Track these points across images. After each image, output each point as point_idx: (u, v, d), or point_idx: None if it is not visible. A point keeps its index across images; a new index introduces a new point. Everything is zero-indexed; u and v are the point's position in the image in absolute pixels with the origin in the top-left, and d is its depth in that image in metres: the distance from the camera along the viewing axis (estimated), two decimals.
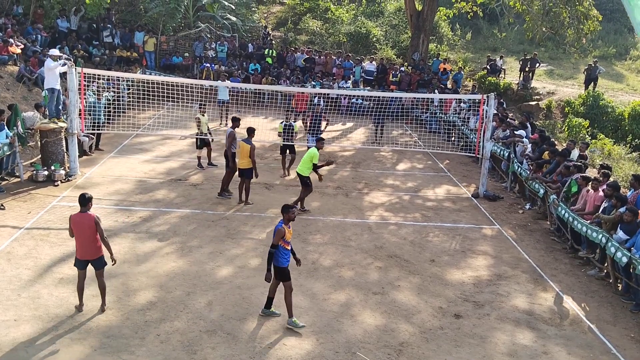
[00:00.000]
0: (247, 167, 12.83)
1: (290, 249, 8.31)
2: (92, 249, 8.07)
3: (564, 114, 23.45)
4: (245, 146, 12.70)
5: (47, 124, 13.89)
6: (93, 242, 8.04)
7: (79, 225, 8.00)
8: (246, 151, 12.71)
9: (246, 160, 12.77)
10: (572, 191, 12.11)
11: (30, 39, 21.90)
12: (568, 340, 8.54)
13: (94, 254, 8.11)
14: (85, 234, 7.99)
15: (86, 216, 8.02)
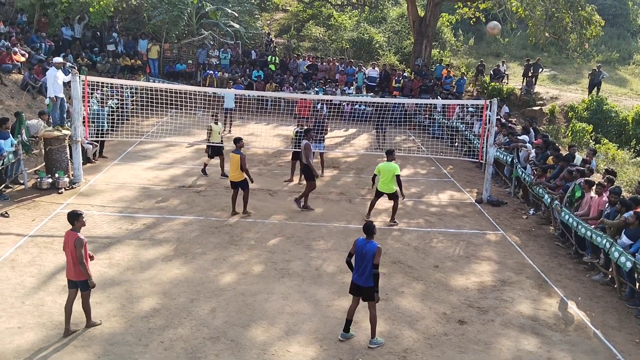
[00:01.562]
0: (241, 180, 12.56)
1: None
2: (76, 270, 7.75)
3: (567, 119, 23.44)
4: (235, 157, 12.41)
5: (51, 132, 13.94)
6: (75, 263, 7.72)
7: (65, 243, 7.85)
8: (236, 162, 12.39)
9: (238, 173, 12.47)
10: (576, 196, 12.08)
11: (35, 47, 22.04)
12: (573, 346, 8.50)
13: (77, 275, 7.77)
14: (69, 252, 7.76)
15: (70, 235, 7.78)
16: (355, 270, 8.10)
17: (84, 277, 7.76)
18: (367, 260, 7.91)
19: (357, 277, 8.08)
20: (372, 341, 8.19)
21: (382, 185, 12.63)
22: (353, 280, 8.15)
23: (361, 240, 8.07)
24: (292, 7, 37.11)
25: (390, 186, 12.54)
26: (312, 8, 35.66)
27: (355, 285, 8.14)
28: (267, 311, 8.85)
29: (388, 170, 12.49)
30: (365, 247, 7.95)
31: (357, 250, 8.04)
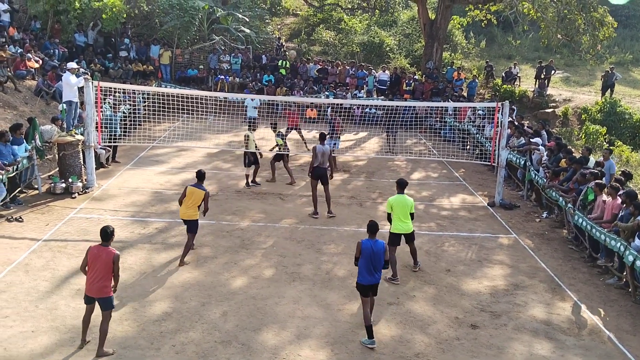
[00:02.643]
0: (192, 219, 10.42)
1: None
2: (98, 286, 7.45)
3: (580, 121, 23.27)
4: (198, 192, 10.30)
5: (65, 137, 14.06)
6: (102, 279, 7.44)
7: (95, 259, 7.47)
8: (197, 199, 10.31)
9: (192, 210, 10.35)
10: (589, 199, 11.97)
11: (48, 53, 22.28)
12: (587, 351, 8.42)
13: (98, 292, 7.49)
14: (98, 268, 7.43)
15: (105, 250, 7.49)
16: (367, 272, 8.15)
17: (107, 294, 7.50)
18: (378, 259, 8.15)
19: (369, 277, 8.17)
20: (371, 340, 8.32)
21: (399, 224, 10.16)
22: (364, 283, 8.18)
23: (367, 242, 8.21)
24: (303, 12, 37.19)
25: (408, 225, 10.23)
26: (322, 12, 35.69)
27: (366, 287, 8.21)
28: (278, 315, 8.86)
29: (404, 206, 10.18)
30: (375, 247, 8.14)
31: (365, 251, 8.13)
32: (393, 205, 10.12)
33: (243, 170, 15.62)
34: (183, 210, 10.39)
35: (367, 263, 8.15)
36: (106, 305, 7.57)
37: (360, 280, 8.25)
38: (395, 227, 10.12)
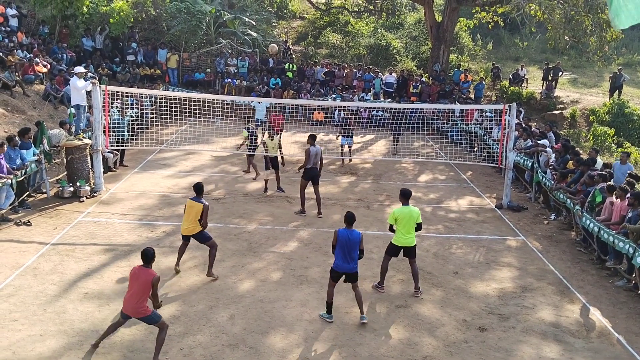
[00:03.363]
0: (195, 233, 9.95)
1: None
2: (133, 306, 7.35)
3: (588, 122, 23.15)
4: (197, 206, 9.79)
5: (73, 141, 14.13)
6: (138, 300, 7.33)
7: (135, 278, 7.40)
8: (197, 212, 9.79)
9: (194, 225, 9.88)
10: (597, 201, 11.91)
11: (56, 58, 22.40)
12: (596, 353, 8.36)
13: (134, 312, 7.39)
14: (135, 288, 7.35)
15: (145, 272, 7.40)
16: (342, 259, 8.65)
17: (144, 314, 7.39)
18: (353, 247, 8.61)
19: (344, 265, 8.66)
20: (363, 317, 8.84)
21: (401, 237, 9.68)
22: (338, 269, 8.72)
23: (344, 231, 8.67)
24: (309, 15, 37.23)
25: (411, 238, 9.72)
26: (329, 15, 35.77)
27: (339, 273, 8.75)
28: (286, 318, 8.86)
29: (410, 218, 9.61)
30: (350, 236, 8.61)
31: (341, 240, 8.61)
32: (397, 218, 9.62)
33: (253, 174, 15.66)
34: (185, 225, 9.93)
35: (343, 251, 8.61)
36: (150, 321, 7.51)
37: (335, 267, 8.74)
38: (397, 240, 9.72)
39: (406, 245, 9.74)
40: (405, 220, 9.59)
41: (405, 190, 9.83)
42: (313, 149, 13.41)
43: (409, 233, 9.66)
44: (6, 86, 18.45)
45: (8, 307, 8.71)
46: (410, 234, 9.68)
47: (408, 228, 9.63)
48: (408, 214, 9.60)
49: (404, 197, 9.75)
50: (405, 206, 9.69)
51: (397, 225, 9.65)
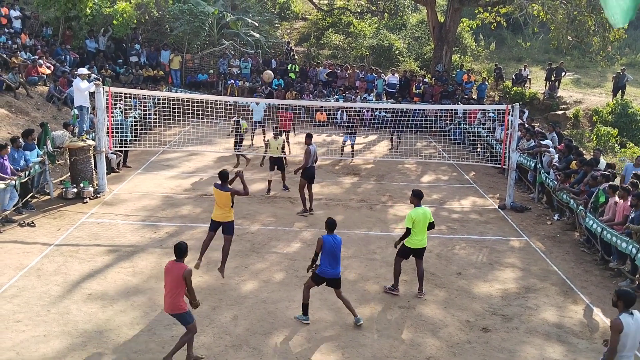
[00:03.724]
0: (226, 220, 9.96)
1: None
2: (169, 302, 7.37)
3: (592, 123, 23.13)
4: (224, 194, 9.76)
5: (76, 142, 14.16)
6: (173, 295, 7.33)
7: (167, 273, 7.42)
8: (226, 199, 9.78)
9: (227, 211, 9.87)
10: (600, 201, 11.89)
11: (60, 59, 22.46)
12: (599, 354, 8.28)
13: (170, 308, 7.39)
14: (168, 283, 7.37)
15: (177, 266, 7.38)
16: (329, 265, 8.55)
17: (179, 310, 7.38)
18: (338, 253, 8.56)
19: (331, 271, 8.57)
20: (358, 319, 8.78)
21: (416, 240, 9.57)
22: (323, 275, 8.61)
23: (328, 237, 8.57)
24: (312, 16, 37.26)
25: (424, 239, 9.69)
26: (331, 16, 35.78)
27: (323, 279, 8.66)
28: (289, 319, 8.86)
29: (425, 219, 9.54)
30: (335, 241, 8.54)
31: (327, 247, 8.50)
32: (415, 220, 9.42)
33: (254, 174, 15.66)
34: (217, 212, 9.90)
35: (329, 257, 8.52)
36: (182, 321, 7.47)
37: (320, 273, 8.61)
38: (412, 242, 9.57)
39: (420, 247, 9.66)
40: (421, 222, 9.49)
41: (418, 192, 9.74)
42: (312, 148, 13.54)
43: (423, 234, 9.61)
44: (10, 88, 18.51)
45: (12, 308, 8.73)
46: (424, 235, 9.65)
47: (423, 229, 9.57)
48: (423, 215, 9.52)
49: (417, 198, 9.65)
50: (419, 207, 9.60)
51: (413, 227, 9.49)
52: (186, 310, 7.43)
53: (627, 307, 6.32)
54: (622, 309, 6.33)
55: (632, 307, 6.34)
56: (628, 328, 6.21)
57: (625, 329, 6.20)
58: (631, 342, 6.27)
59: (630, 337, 6.24)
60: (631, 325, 6.23)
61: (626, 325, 6.21)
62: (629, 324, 6.23)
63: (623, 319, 6.25)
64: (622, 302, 6.33)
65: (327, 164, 18.59)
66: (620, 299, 6.35)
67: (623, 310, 6.33)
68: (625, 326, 6.20)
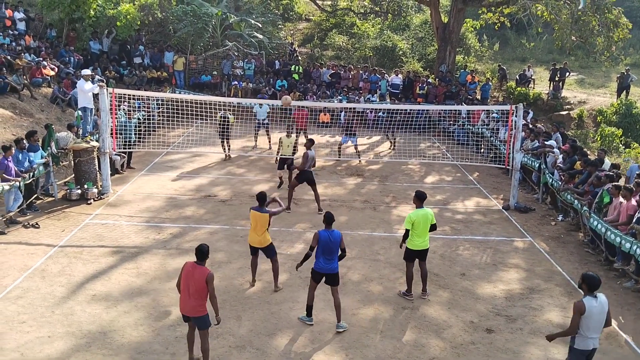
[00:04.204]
0: (265, 245, 9.72)
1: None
2: (191, 305, 7.23)
3: (596, 123, 23.06)
4: (262, 217, 9.57)
5: (80, 144, 14.20)
6: (195, 298, 7.19)
7: (189, 276, 7.22)
8: (264, 222, 9.58)
9: (263, 236, 9.65)
10: (605, 202, 11.85)
11: (64, 61, 22.54)
12: (604, 355, 8.31)
13: (192, 311, 7.25)
14: (192, 287, 7.19)
15: (199, 269, 7.21)
16: (324, 260, 8.58)
17: (201, 313, 7.26)
18: (334, 248, 8.55)
19: (325, 266, 8.59)
20: (339, 325, 8.68)
21: (418, 241, 9.52)
22: (319, 270, 8.64)
23: (324, 232, 8.58)
24: (315, 17, 37.27)
25: (426, 241, 9.63)
26: (335, 17, 35.79)
27: (320, 274, 8.66)
28: (292, 320, 8.86)
29: (426, 220, 9.48)
30: (331, 237, 8.53)
31: (322, 241, 8.52)
32: (415, 222, 9.37)
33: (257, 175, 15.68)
34: (253, 237, 9.70)
35: (324, 252, 8.55)
36: (201, 324, 7.34)
37: (315, 267, 8.66)
38: (413, 244, 9.51)
39: (422, 249, 9.61)
40: (422, 224, 9.43)
41: (421, 193, 9.66)
42: (311, 153, 13.63)
43: (424, 236, 9.54)
44: (14, 89, 18.56)
45: (16, 309, 8.76)
46: (426, 237, 9.58)
47: (424, 231, 9.50)
48: (424, 216, 9.45)
49: (420, 200, 9.57)
50: (421, 209, 9.52)
51: (413, 229, 9.45)
52: (207, 312, 7.33)
53: (591, 290, 6.64)
54: (587, 292, 6.67)
55: (597, 291, 6.66)
56: (590, 310, 6.54)
57: (587, 311, 6.53)
58: (594, 324, 6.62)
59: (592, 319, 6.58)
60: (594, 308, 6.55)
61: (588, 307, 6.54)
62: (591, 307, 6.55)
63: (586, 301, 6.58)
64: (586, 286, 6.67)
65: (331, 164, 18.59)
66: (584, 282, 6.69)
67: (587, 293, 6.66)
68: (587, 308, 6.53)
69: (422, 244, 9.56)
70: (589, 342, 6.73)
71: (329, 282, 8.71)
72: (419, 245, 9.54)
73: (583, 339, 6.70)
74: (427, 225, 9.50)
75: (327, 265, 8.58)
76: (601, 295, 6.70)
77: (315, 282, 8.74)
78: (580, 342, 6.74)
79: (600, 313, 6.62)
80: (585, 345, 6.74)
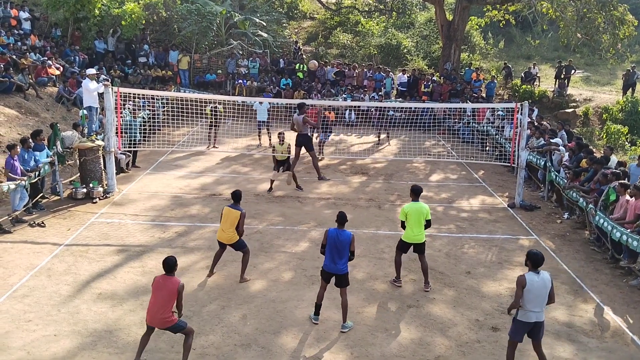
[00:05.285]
0: (233, 242, 9.89)
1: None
2: (160, 319, 7.19)
3: (602, 120, 22.98)
4: (233, 212, 9.73)
5: (85, 143, 14.24)
6: (164, 310, 7.16)
7: (159, 288, 7.20)
8: (234, 220, 9.69)
9: (231, 233, 9.77)
10: (611, 199, 11.80)
11: (69, 60, 22.62)
12: (610, 353, 8.29)
13: (161, 324, 7.22)
14: (161, 297, 7.16)
15: (170, 280, 7.22)
16: (330, 259, 8.50)
17: (171, 324, 7.24)
18: (342, 248, 8.43)
19: (331, 265, 8.50)
20: (344, 325, 8.61)
21: (410, 233, 9.76)
22: (327, 270, 8.57)
23: (333, 231, 8.51)
24: (320, 15, 37.26)
25: (420, 235, 9.79)
26: (339, 15, 35.77)
27: (329, 274, 8.58)
28: (298, 318, 8.86)
29: (419, 214, 9.68)
30: (340, 237, 8.43)
31: (330, 239, 8.46)
32: (407, 214, 9.65)
33: (261, 174, 15.67)
34: (220, 233, 9.89)
35: (331, 251, 8.47)
36: (177, 330, 7.34)
37: (324, 267, 8.62)
38: (406, 236, 9.77)
39: (415, 242, 9.80)
40: (414, 217, 9.63)
41: (416, 187, 9.89)
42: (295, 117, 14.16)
43: (418, 229, 9.71)
44: (19, 89, 18.64)
45: (22, 308, 8.79)
46: (420, 231, 9.74)
47: (417, 224, 9.68)
48: (417, 210, 9.66)
49: (414, 194, 9.80)
50: (415, 202, 9.74)
51: (407, 221, 9.71)
52: (177, 320, 7.31)
53: (535, 267, 7.19)
54: (531, 268, 7.22)
55: (539, 267, 7.20)
56: (531, 285, 7.07)
57: (529, 285, 7.06)
58: (535, 298, 7.12)
59: (533, 293, 7.09)
60: (535, 283, 7.09)
61: (529, 281, 7.08)
62: (532, 281, 7.09)
63: (528, 276, 7.13)
64: (531, 262, 7.22)
65: (335, 163, 18.57)
66: (529, 259, 7.26)
67: (531, 269, 7.20)
68: (528, 283, 7.07)
69: (415, 237, 9.74)
70: (531, 315, 7.20)
71: (336, 283, 8.65)
72: (412, 238, 9.75)
73: (525, 312, 7.21)
74: (420, 219, 9.68)
75: (332, 265, 8.50)
76: (545, 272, 7.24)
77: (324, 281, 8.68)
78: (522, 315, 7.25)
79: (542, 288, 7.12)
80: (527, 318, 7.22)
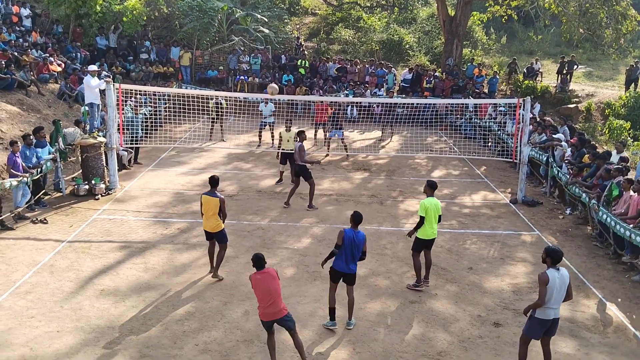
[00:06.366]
0: (217, 230, 9.83)
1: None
2: (281, 306, 7.36)
3: (604, 116, 22.91)
4: (212, 200, 9.64)
5: (87, 139, 14.25)
6: (280, 298, 7.36)
7: (267, 281, 7.32)
8: (214, 207, 9.65)
9: (216, 221, 9.76)
10: (614, 195, 11.78)
11: (70, 57, 22.61)
12: (612, 348, 8.29)
13: (282, 312, 7.37)
14: (276, 290, 7.33)
15: (269, 271, 7.39)
16: (344, 260, 8.36)
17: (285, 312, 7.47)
18: (357, 248, 8.35)
19: (344, 266, 8.38)
20: (349, 322, 8.61)
21: (429, 230, 9.63)
22: (339, 270, 8.43)
23: (350, 231, 8.36)
24: (322, 11, 37.19)
25: (435, 230, 9.77)
26: (341, 11, 35.70)
27: (340, 274, 8.46)
28: (300, 314, 8.86)
29: (437, 209, 9.64)
30: (356, 237, 8.33)
31: (347, 240, 8.29)
32: (428, 209, 9.48)
33: (263, 170, 15.68)
34: (205, 222, 9.85)
35: (346, 252, 8.34)
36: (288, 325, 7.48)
37: (335, 266, 8.47)
38: (425, 233, 9.62)
39: (432, 238, 9.76)
40: (433, 212, 9.58)
41: (433, 182, 9.86)
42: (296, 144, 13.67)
43: (435, 223, 9.69)
44: (21, 85, 18.64)
45: (25, 304, 8.82)
46: (436, 226, 9.75)
47: (435, 220, 9.66)
48: (435, 205, 9.64)
49: (431, 189, 9.76)
50: (432, 197, 9.71)
51: (426, 217, 9.55)
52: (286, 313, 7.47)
53: (554, 263, 7.15)
54: (550, 264, 7.16)
55: (558, 264, 7.16)
56: (553, 282, 7.04)
57: (551, 282, 7.03)
58: (556, 294, 7.09)
59: (555, 290, 7.06)
60: (556, 280, 7.06)
61: (552, 278, 7.05)
62: (554, 278, 7.05)
63: (549, 273, 7.09)
64: (550, 259, 7.15)
65: (337, 159, 18.56)
66: (548, 256, 7.17)
67: (550, 266, 7.15)
68: (550, 279, 7.04)
69: (433, 233, 9.71)
70: (550, 312, 7.16)
71: (345, 281, 8.58)
72: (430, 235, 9.69)
73: (544, 309, 7.15)
74: (437, 215, 9.67)
75: (344, 266, 8.38)
76: (563, 269, 7.19)
77: (334, 282, 8.54)
78: (540, 312, 7.18)
79: (562, 285, 7.10)
80: (546, 315, 7.17)
